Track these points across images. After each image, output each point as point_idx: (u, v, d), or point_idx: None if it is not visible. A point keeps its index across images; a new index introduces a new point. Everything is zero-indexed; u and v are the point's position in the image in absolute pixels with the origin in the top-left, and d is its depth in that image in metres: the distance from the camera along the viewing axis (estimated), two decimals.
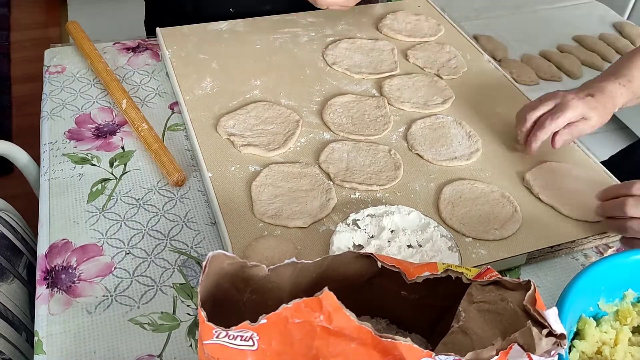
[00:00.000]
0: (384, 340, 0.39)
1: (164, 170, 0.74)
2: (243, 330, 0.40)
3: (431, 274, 0.48)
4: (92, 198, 0.73)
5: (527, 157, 0.79)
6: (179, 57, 0.93)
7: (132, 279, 0.64)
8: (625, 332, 0.58)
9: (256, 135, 0.79)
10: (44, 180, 0.75)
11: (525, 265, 0.69)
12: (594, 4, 1.80)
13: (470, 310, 0.47)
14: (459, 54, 1.00)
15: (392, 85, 0.91)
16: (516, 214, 0.71)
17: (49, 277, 0.64)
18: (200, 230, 0.70)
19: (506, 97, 0.91)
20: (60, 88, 0.89)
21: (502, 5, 1.77)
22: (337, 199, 0.71)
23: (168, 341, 0.59)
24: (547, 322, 0.41)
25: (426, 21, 1.08)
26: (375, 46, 1.00)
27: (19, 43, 2.52)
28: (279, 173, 0.74)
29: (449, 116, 0.86)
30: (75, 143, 0.80)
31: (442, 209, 0.71)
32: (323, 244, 0.66)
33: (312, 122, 0.83)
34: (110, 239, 0.68)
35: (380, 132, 0.82)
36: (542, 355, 0.40)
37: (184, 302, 0.63)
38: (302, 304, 0.39)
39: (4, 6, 2.70)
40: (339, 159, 0.77)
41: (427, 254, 0.64)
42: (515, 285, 0.46)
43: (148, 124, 0.80)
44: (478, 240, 0.68)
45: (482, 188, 0.74)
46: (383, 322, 0.55)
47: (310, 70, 0.93)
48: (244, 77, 0.90)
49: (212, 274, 0.44)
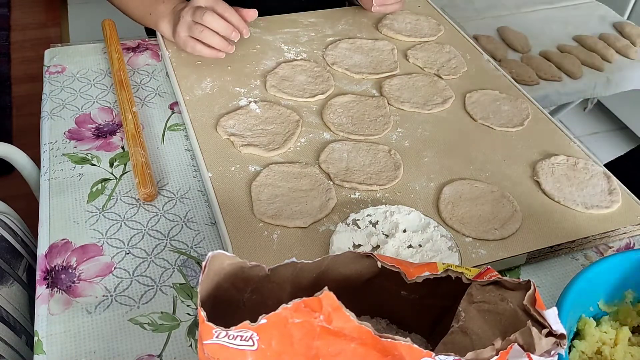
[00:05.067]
0: (384, 340, 0.39)
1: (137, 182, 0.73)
2: (243, 330, 0.40)
3: (431, 274, 0.48)
4: (92, 198, 0.73)
5: (526, 156, 0.80)
6: (179, 57, 0.93)
7: (132, 279, 0.64)
8: (625, 332, 0.58)
9: (256, 135, 0.79)
10: (44, 180, 0.75)
11: (525, 265, 0.69)
12: (594, 4, 1.80)
13: (470, 310, 0.47)
14: (459, 54, 1.00)
15: (392, 85, 0.91)
16: (516, 214, 0.71)
17: (49, 277, 0.64)
18: (200, 230, 0.70)
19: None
20: (60, 88, 0.89)
21: (502, 5, 1.77)
22: (337, 199, 0.71)
23: (168, 341, 0.59)
24: (547, 322, 0.41)
25: (426, 21, 1.08)
26: (375, 46, 1.00)
27: (19, 43, 2.52)
28: (279, 173, 0.74)
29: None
30: (75, 143, 0.80)
31: (442, 209, 0.71)
32: (323, 244, 0.66)
33: (312, 122, 0.83)
34: (110, 239, 0.68)
35: (380, 132, 0.82)
36: (542, 355, 0.40)
37: (184, 302, 0.63)
38: (302, 304, 0.39)
39: (4, 6, 2.70)
40: (339, 159, 0.77)
41: (427, 254, 0.64)
42: (515, 285, 0.46)
43: (143, 143, 0.79)
44: (478, 240, 0.68)
45: (482, 188, 0.74)
46: (383, 322, 0.55)
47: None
48: (244, 77, 0.90)
49: (212, 274, 0.44)
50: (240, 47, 0.96)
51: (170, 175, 0.77)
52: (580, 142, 0.84)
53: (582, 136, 2.10)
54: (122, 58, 0.93)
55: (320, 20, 1.06)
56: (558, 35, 1.63)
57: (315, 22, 1.05)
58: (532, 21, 1.69)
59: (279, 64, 0.94)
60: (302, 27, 1.03)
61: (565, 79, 1.48)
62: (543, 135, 0.85)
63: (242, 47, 0.96)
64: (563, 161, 0.79)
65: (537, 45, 1.58)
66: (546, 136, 0.85)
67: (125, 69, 0.91)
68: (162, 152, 0.80)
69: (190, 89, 0.87)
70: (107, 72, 0.93)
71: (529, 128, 0.86)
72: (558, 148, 0.83)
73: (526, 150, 0.82)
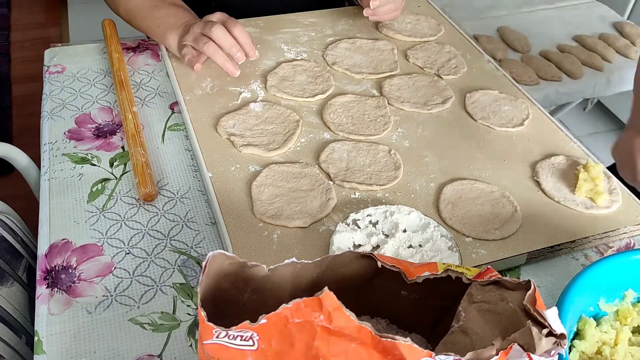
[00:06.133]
0: (384, 340, 0.39)
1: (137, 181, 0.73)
2: (243, 330, 0.40)
3: (431, 274, 0.48)
4: (92, 198, 0.73)
5: (526, 156, 0.80)
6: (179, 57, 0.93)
7: (132, 278, 0.64)
8: (625, 332, 0.58)
9: (256, 135, 0.79)
10: (44, 180, 0.75)
11: (525, 265, 0.69)
12: (594, 4, 1.80)
13: (470, 310, 0.47)
14: (459, 54, 1.00)
15: (392, 85, 0.91)
16: (516, 214, 0.71)
17: (49, 277, 0.64)
18: (200, 230, 0.70)
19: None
20: (60, 88, 0.89)
21: (502, 5, 1.77)
22: (337, 199, 0.71)
23: (168, 341, 0.59)
24: (547, 322, 0.41)
25: (426, 21, 1.08)
26: (375, 46, 1.00)
27: (19, 43, 2.52)
28: (279, 173, 0.74)
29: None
30: (75, 143, 0.80)
31: (442, 209, 0.71)
32: (323, 244, 0.66)
33: (312, 122, 0.83)
34: (110, 239, 0.68)
35: (380, 132, 0.82)
36: (542, 355, 0.40)
37: (184, 302, 0.63)
38: (302, 304, 0.39)
39: (4, 6, 2.70)
40: (339, 159, 0.77)
41: (427, 254, 0.64)
42: (515, 285, 0.46)
43: (143, 143, 0.79)
44: (478, 240, 0.68)
45: (482, 188, 0.74)
46: (383, 322, 0.55)
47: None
48: (244, 77, 0.90)
49: (212, 274, 0.44)
50: None
51: (170, 175, 0.77)
52: (580, 142, 0.84)
53: (582, 136, 2.10)
54: (122, 58, 0.93)
55: (320, 20, 1.06)
56: (558, 35, 1.63)
57: (315, 22, 1.05)
58: (532, 21, 1.69)
59: (279, 63, 0.94)
60: (302, 27, 1.04)
61: (565, 79, 1.48)
62: (543, 135, 0.85)
63: None
64: (563, 161, 0.79)
65: (537, 45, 1.58)
66: (546, 136, 0.85)
67: (125, 69, 0.91)
68: (162, 152, 0.80)
69: (190, 89, 0.87)
70: (107, 72, 0.93)
71: (529, 128, 0.86)
72: (558, 148, 0.83)
73: (526, 150, 0.82)
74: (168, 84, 0.91)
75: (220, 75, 0.90)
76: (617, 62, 1.54)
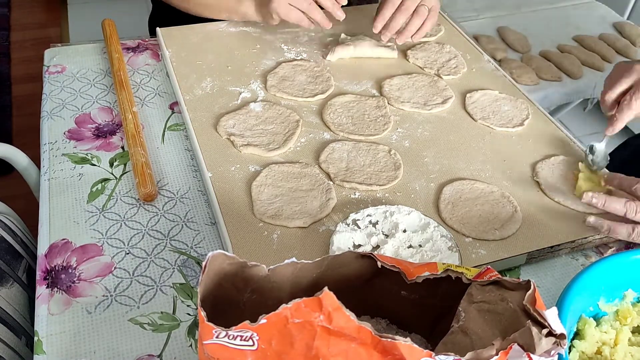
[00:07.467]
0: (384, 340, 0.39)
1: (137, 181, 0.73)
2: (243, 330, 0.40)
3: (431, 274, 0.48)
4: (92, 198, 0.73)
5: (526, 156, 0.80)
6: (179, 57, 0.93)
7: (132, 279, 0.64)
8: (625, 332, 0.58)
9: (256, 135, 0.79)
10: (44, 180, 0.75)
11: (525, 265, 0.69)
12: (594, 4, 1.80)
13: (470, 310, 0.47)
14: (459, 54, 1.00)
15: (392, 85, 0.91)
16: (516, 214, 0.71)
17: (48, 277, 0.64)
18: (200, 230, 0.70)
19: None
20: (60, 88, 0.89)
21: (502, 5, 1.77)
22: (337, 199, 0.71)
23: (168, 341, 0.59)
24: (547, 322, 0.41)
25: None
26: None
27: (19, 43, 2.52)
28: (279, 173, 0.74)
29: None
30: (75, 143, 0.80)
31: (442, 209, 0.71)
32: (323, 244, 0.66)
33: (312, 122, 0.83)
34: (110, 239, 0.68)
35: (380, 132, 0.82)
36: (542, 355, 0.40)
37: (184, 302, 0.63)
38: (302, 304, 0.39)
39: (4, 6, 2.70)
40: (339, 159, 0.77)
41: (427, 254, 0.64)
42: (515, 285, 0.46)
43: (143, 143, 0.79)
44: (478, 240, 0.68)
45: (482, 188, 0.74)
46: (383, 322, 0.55)
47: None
48: (244, 77, 0.90)
49: (212, 274, 0.44)
50: (241, 47, 0.96)
51: (170, 175, 0.77)
52: (580, 142, 0.84)
53: (582, 136, 2.10)
54: (122, 58, 0.93)
55: None
56: (558, 35, 1.63)
57: None
58: (532, 21, 1.69)
59: (279, 63, 0.94)
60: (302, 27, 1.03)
61: (565, 79, 1.48)
62: (543, 135, 0.85)
63: (242, 47, 0.96)
64: (563, 161, 0.79)
65: (537, 45, 1.58)
66: (546, 136, 0.85)
67: (125, 69, 0.91)
68: (162, 152, 0.80)
69: (190, 89, 0.87)
70: (107, 72, 0.93)
71: (529, 128, 0.86)
72: (558, 148, 0.83)
73: (526, 150, 0.82)
74: (168, 84, 0.91)
75: (220, 75, 0.90)
76: (617, 62, 1.53)
